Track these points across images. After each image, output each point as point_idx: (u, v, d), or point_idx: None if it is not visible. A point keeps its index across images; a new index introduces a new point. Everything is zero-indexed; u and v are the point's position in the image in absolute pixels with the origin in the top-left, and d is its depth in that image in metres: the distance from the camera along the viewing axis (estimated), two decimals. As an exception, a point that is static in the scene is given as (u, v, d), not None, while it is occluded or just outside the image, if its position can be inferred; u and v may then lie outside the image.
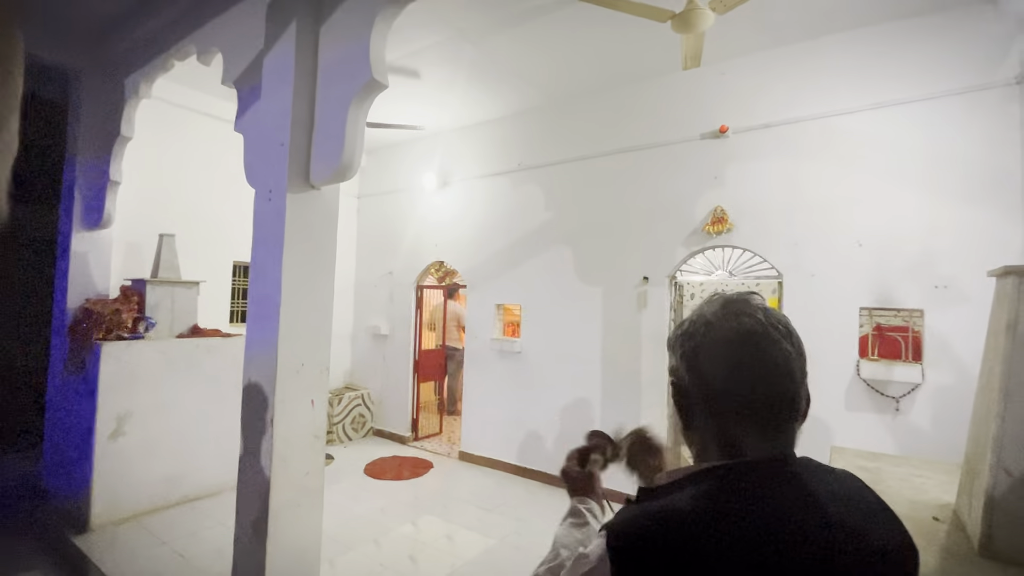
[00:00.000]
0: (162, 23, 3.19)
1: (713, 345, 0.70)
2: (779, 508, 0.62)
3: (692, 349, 0.72)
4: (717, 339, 0.69)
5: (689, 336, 0.73)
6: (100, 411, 3.43)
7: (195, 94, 4.71)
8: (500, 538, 3.55)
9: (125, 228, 4.15)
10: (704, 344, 0.70)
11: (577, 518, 0.96)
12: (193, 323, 4.16)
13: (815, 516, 0.62)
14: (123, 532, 3.38)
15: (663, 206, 4.12)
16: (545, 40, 3.71)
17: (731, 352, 0.68)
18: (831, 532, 0.62)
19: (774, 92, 3.67)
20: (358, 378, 6.34)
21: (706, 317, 0.72)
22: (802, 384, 0.68)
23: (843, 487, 0.70)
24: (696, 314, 0.75)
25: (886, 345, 3.26)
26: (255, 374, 2.22)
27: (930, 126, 3.16)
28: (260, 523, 2.12)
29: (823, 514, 0.63)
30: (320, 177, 2.19)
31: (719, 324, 0.70)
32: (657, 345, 4.11)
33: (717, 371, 0.69)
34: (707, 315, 0.72)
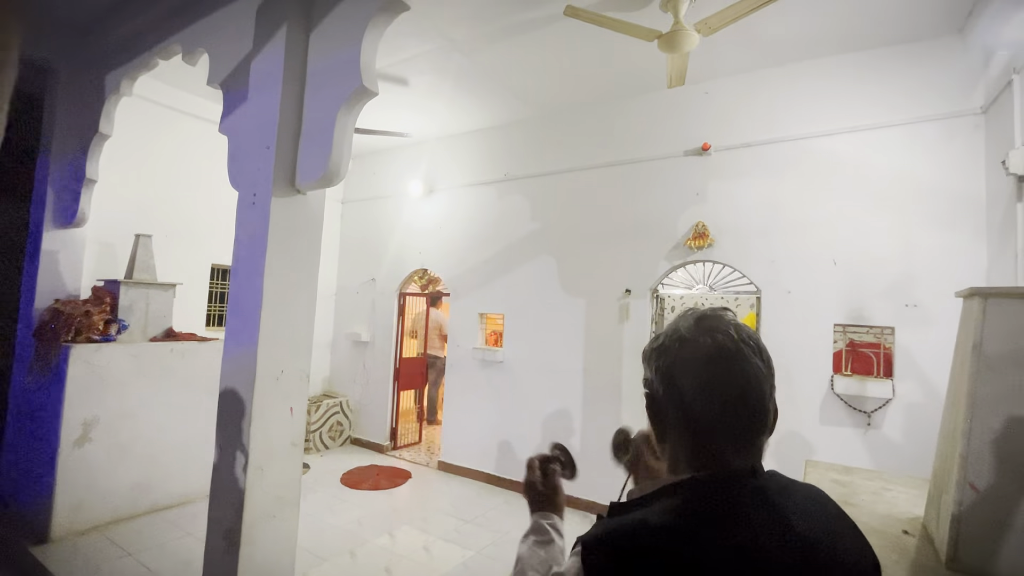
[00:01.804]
0: (147, 21, 3.15)
1: (687, 361, 0.71)
2: (747, 522, 0.64)
3: (667, 364, 0.73)
4: (691, 355, 0.71)
5: (664, 351, 0.75)
6: (66, 416, 3.31)
7: (177, 93, 4.64)
8: (478, 550, 3.52)
9: (99, 228, 4.05)
10: (678, 359, 0.72)
11: (541, 535, 0.94)
12: (168, 326, 4.05)
13: (782, 530, 0.64)
14: (86, 543, 3.25)
15: (646, 220, 4.19)
16: (534, 54, 3.76)
17: (704, 368, 0.70)
18: (797, 546, 0.63)
19: (755, 112, 3.78)
20: (337, 385, 6.24)
21: (680, 332, 0.74)
22: (771, 399, 0.71)
23: (809, 502, 0.72)
24: (671, 329, 0.76)
25: (859, 361, 3.35)
26: (232, 380, 2.17)
27: (903, 151, 3.29)
28: (233, 534, 2.06)
29: (789, 528, 0.65)
30: (306, 181, 2.17)
31: (693, 340, 0.72)
32: (638, 357, 4.13)
33: (690, 386, 0.70)
34: (681, 330, 0.74)
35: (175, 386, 3.87)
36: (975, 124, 3.09)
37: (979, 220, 3.04)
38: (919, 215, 3.21)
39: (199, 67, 3.30)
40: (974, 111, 3.09)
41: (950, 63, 3.17)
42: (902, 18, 3.10)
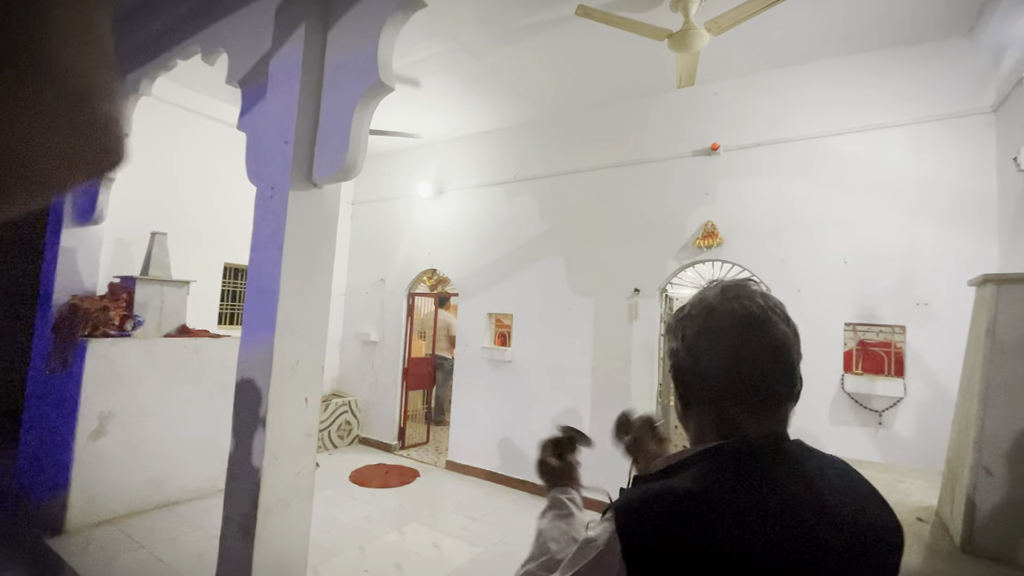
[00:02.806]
0: (167, 23, 3.22)
1: (714, 328, 0.71)
2: (777, 486, 0.65)
3: (693, 332, 0.74)
4: (718, 322, 0.71)
5: (690, 319, 0.75)
6: (82, 410, 3.36)
7: (192, 94, 4.73)
8: (487, 547, 3.52)
9: (116, 225, 4.12)
10: (705, 327, 0.72)
11: (560, 509, 0.95)
12: (182, 323, 4.11)
13: (810, 493, 0.65)
14: (100, 535, 3.30)
15: (655, 220, 4.21)
16: (544, 55, 3.81)
17: (733, 334, 0.70)
18: (825, 509, 0.64)
19: (764, 112, 3.80)
20: (345, 385, 6.28)
21: (707, 301, 0.74)
22: (798, 365, 0.71)
23: (834, 468, 0.72)
24: (696, 298, 0.77)
25: (870, 360, 3.34)
26: (249, 370, 2.21)
27: (913, 150, 3.29)
28: (248, 522, 2.09)
29: (817, 491, 0.66)
30: (323, 175, 2.22)
31: (720, 307, 0.72)
32: (647, 356, 4.16)
33: (718, 353, 0.71)
34: (708, 299, 0.74)
35: (188, 382, 3.92)
36: (985, 123, 3.09)
37: (990, 218, 3.03)
38: (930, 214, 3.21)
39: (214, 70, 3.38)
40: (984, 110, 3.09)
41: (959, 63, 3.18)
42: (911, 19, 3.12)
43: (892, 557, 0.69)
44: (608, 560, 0.63)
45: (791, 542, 0.61)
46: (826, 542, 0.62)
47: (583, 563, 0.66)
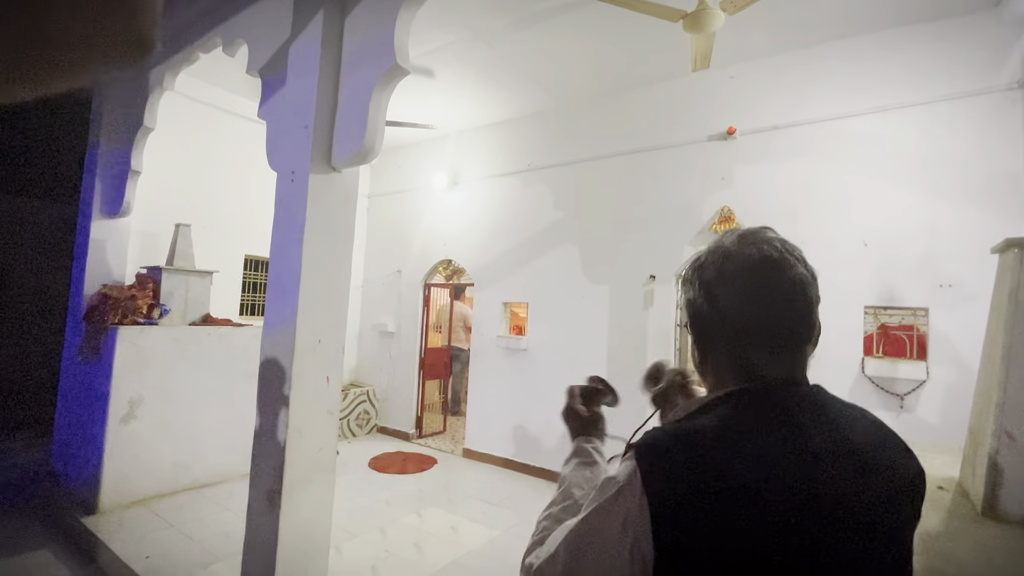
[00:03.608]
0: (190, 17, 3.30)
1: (732, 272, 0.71)
2: (798, 426, 0.65)
3: (712, 277, 0.73)
4: (736, 265, 0.71)
5: (707, 266, 0.75)
6: (113, 394, 3.48)
7: (214, 90, 4.83)
8: (504, 529, 3.57)
9: (142, 218, 4.24)
10: (723, 271, 0.72)
11: (584, 457, 0.94)
12: (205, 312, 4.22)
13: (832, 434, 0.65)
14: (131, 515, 3.42)
15: (671, 206, 4.19)
16: (557, 42, 3.81)
17: (751, 277, 0.70)
18: (847, 449, 0.64)
19: (781, 95, 3.75)
20: (363, 375, 6.38)
21: (724, 247, 0.74)
22: (816, 307, 0.71)
23: (854, 412, 0.73)
24: (712, 246, 0.77)
25: (891, 343, 3.29)
26: (273, 349, 2.27)
27: (935, 129, 3.23)
28: (274, 495, 2.16)
29: (839, 433, 0.66)
30: (342, 158, 2.26)
31: (738, 252, 0.72)
32: (664, 343, 4.15)
33: (736, 295, 0.70)
34: (725, 245, 0.75)
35: (213, 369, 4.02)
36: (1011, 99, 3.02)
37: (1016, 196, 2.96)
38: (953, 193, 3.15)
39: (235, 66, 3.46)
40: (1010, 86, 3.02)
41: (984, 38, 3.10)
42: (934, -7, 3.05)
43: (914, 502, 0.69)
44: (628, 494, 0.62)
45: (812, 481, 0.60)
46: (848, 482, 0.62)
47: (603, 499, 0.65)
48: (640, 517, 0.60)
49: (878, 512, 0.64)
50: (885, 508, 0.65)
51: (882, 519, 0.64)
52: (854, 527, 0.61)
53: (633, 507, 0.61)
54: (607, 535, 0.64)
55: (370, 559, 3.07)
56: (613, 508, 0.64)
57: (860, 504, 0.62)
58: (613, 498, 0.64)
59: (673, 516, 0.59)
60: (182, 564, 2.85)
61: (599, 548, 0.64)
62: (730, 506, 0.58)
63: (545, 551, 0.72)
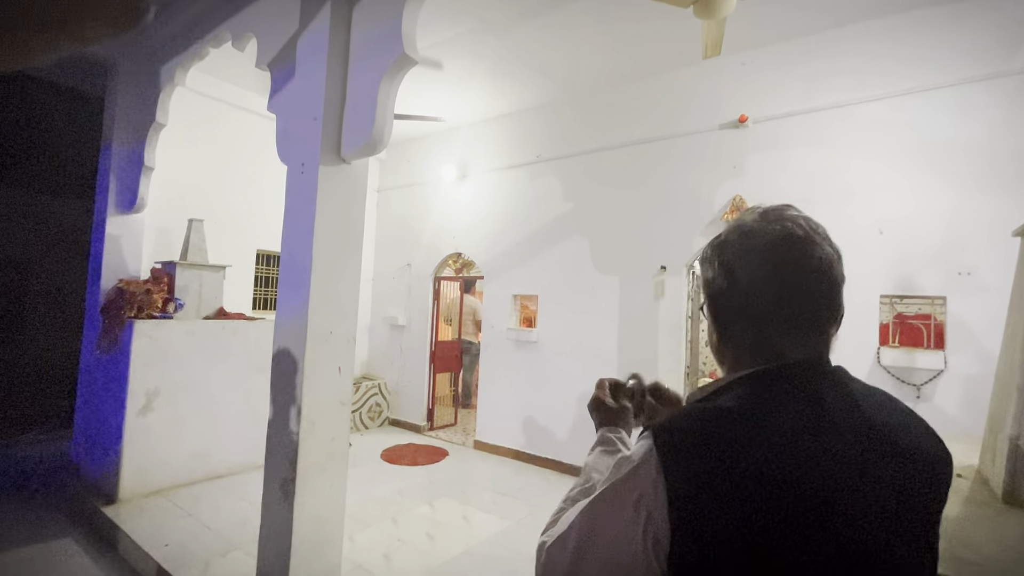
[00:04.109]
0: (198, 12, 3.32)
1: (755, 249, 0.69)
2: (821, 405, 0.63)
3: (733, 255, 0.72)
4: (759, 243, 0.69)
5: (728, 244, 0.73)
6: (131, 386, 3.54)
7: (224, 85, 4.86)
8: (516, 520, 3.58)
9: (155, 214, 4.30)
10: (745, 249, 0.70)
11: (608, 446, 0.93)
12: (219, 306, 4.27)
13: (857, 415, 0.63)
14: (150, 504, 3.49)
15: (681, 196, 4.15)
16: (566, 31, 3.77)
17: (775, 254, 0.67)
18: (872, 430, 0.63)
19: (794, 81, 3.69)
20: (375, 368, 6.43)
21: (746, 224, 0.72)
22: (842, 287, 0.69)
23: (879, 395, 0.71)
24: (734, 224, 0.75)
25: (907, 333, 3.24)
26: (286, 340, 2.29)
27: (952, 113, 3.15)
28: (288, 484, 2.19)
29: (865, 415, 0.64)
30: (351, 149, 2.27)
31: (760, 229, 0.70)
32: (675, 334, 4.12)
33: (759, 272, 0.68)
34: (747, 222, 0.72)
35: (227, 362, 4.08)
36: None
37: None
38: (972, 179, 3.07)
39: (245, 61, 3.47)
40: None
41: (1001, 20, 3.02)
42: (953, -27, 2.97)
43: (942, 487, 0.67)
44: (644, 472, 0.61)
45: (839, 461, 0.59)
46: (874, 465, 0.61)
47: (618, 477, 0.64)
48: (655, 495, 0.59)
49: (907, 493, 0.62)
50: (914, 489, 0.63)
51: (911, 500, 0.62)
52: (883, 508, 0.59)
53: (648, 484, 0.60)
54: (619, 512, 0.62)
55: (383, 548, 3.10)
56: (627, 485, 0.63)
57: (889, 485, 0.61)
58: (628, 476, 0.63)
59: (690, 495, 0.57)
60: (200, 552, 2.90)
61: (610, 525, 0.63)
62: (751, 485, 0.56)
63: (557, 529, 0.71)
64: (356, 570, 2.82)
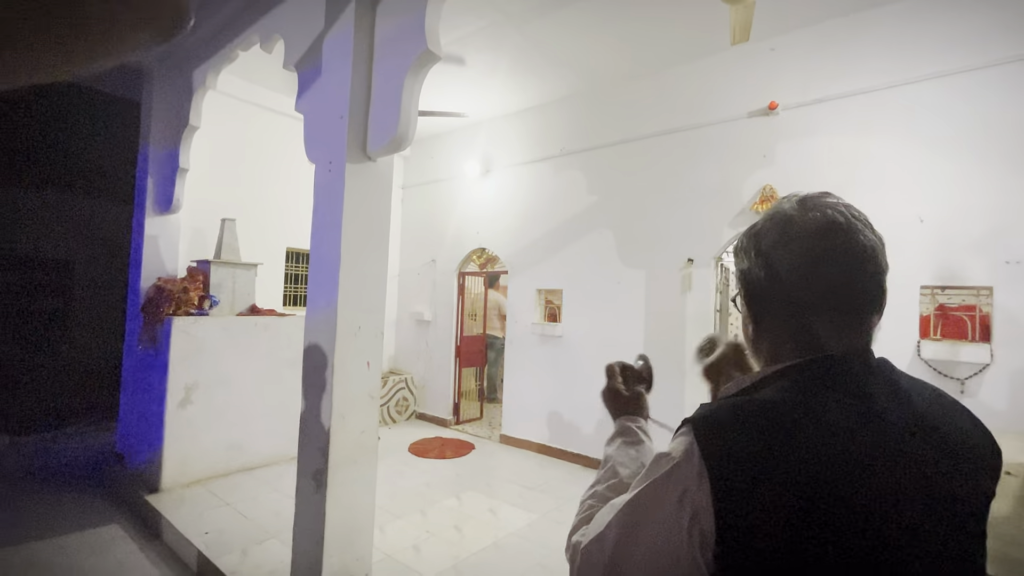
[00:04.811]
0: (227, 16, 3.40)
1: (794, 238, 0.67)
2: (868, 397, 0.61)
3: (771, 244, 0.69)
4: (799, 231, 0.67)
5: (765, 232, 0.71)
6: (171, 381, 3.69)
7: (253, 87, 4.97)
8: (542, 513, 3.60)
9: (190, 214, 4.44)
10: (784, 238, 0.68)
11: (629, 436, 0.91)
12: (251, 303, 4.40)
13: (906, 408, 0.62)
14: (191, 493, 3.63)
15: (709, 187, 4.06)
16: (589, 22, 3.72)
17: (817, 242, 0.65)
18: (921, 424, 0.61)
19: (827, 65, 3.56)
20: (401, 363, 6.52)
21: (784, 212, 0.70)
22: (885, 275, 0.67)
23: (926, 387, 0.69)
24: (771, 212, 0.73)
25: (950, 325, 3.10)
26: (316, 335, 2.35)
27: (996, 93, 2.99)
28: (320, 475, 2.24)
29: (912, 407, 0.62)
30: (377, 147, 2.30)
31: (800, 217, 0.68)
32: (703, 328, 4.05)
33: (799, 260, 0.66)
34: (785, 210, 0.70)
35: (260, 357, 4.20)
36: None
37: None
38: (1020, 162, 2.91)
39: (272, 62, 3.54)
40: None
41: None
42: (1000, -55, 2.81)
43: (992, 479, 0.65)
44: (685, 469, 0.59)
45: (888, 454, 0.57)
46: (926, 455, 0.59)
47: (657, 474, 0.62)
48: (699, 491, 0.57)
49: (959, 486, 0.60)
50: (965, 483, 0.61)
51: (962, 494, 0.60)
52: (933, 502, 0.58)
53: (692, 481, 0.58)
54: (663, 510, 0.60)
55: (412, 539, 3.15)
56: (668, 482, 0.61)
57: (940, 478, 0.59)
58: (668, 473, 0.61)
59: (738, 491, 0.55)
60: (238, 540, 3.01)
61: (654, 524, 0.61)
62: (801, 480, 0.54)
63: (593, 529, 0.69)
64: (386, 560, 2.88)
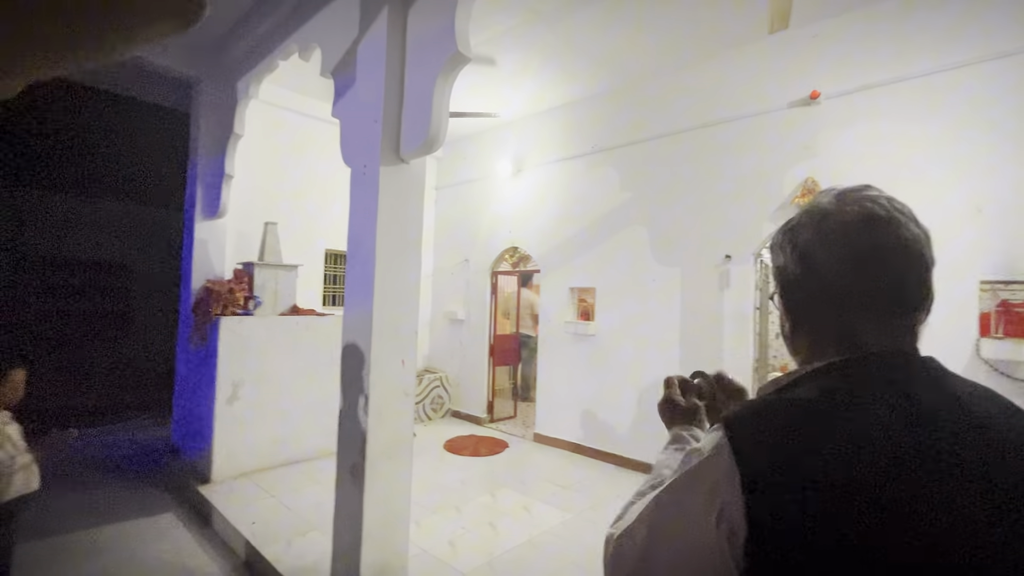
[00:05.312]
0: (268, 28, 3.54)
1: (833, 232, 0.65)
2: (912, 398, 0.58)
3: (808, 239, 0.67)
4: (837, 226, 0.65)
5: (801, 228, 0.69)
6: (219, 378, 3.87)
7: (291, 94, 5.15)
8: (577, 512, 3.58)
9: (235, 218, 4.65)
10: (821, 233, 0.66)
11: (680, 443, 0.90)
12: (293, 303, 4.56)
13: (954, 409, 0.58)
14: (239, 485, 3.80)
15: (747, 180, 3.94)
16: (621, 16, 3.67)
17: (856, 236, 0.63)
18: (976, 423, 0.57)
19: (873, 50, 3.39)
20: (436, 362, 6.62)
21: (821, 207, 0.68)
22: (931, 270, 0.64)
23: (980, 387, 0.64)
24: (808, 207, 0.71)
25: (1014, 322, 2.90)
26: (353, 335, 2.42)
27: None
28: (358, 469, 2.31)
29: (961, 407, 0.58)
30: (409, 149, 2.34)
31: (838, 211, 0.66)
32: (741, 327, 3.94)
33: (838, 255, 0.64)
34: (822, 204, 0.68)
35: (301, 355, 4.35)
36: None
37: None
38: (1095, 146, 2.70)
39: (309, 71, 3.67)
40: None
41: None
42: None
43: None
44: (715, 464, 0.58)
45: (936, 457, 0.54)
46: (978, 458, 0.55)
47: (688, 468, 0.62)
48: (730, 485, 0.56)
49: (1017, 493, 0.55)
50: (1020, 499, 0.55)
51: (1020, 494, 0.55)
52: (989, 508, 0.53)
53: (721, 475, 0.57)
54: (691, 504, 0.60)
55: (448, 534, 3.20)
56: (699, 476, 0.60)
57: (995, 483, 0.55)
58: (699, 467, 0.61)
59: (768, 487, 0.54)
60: (282, 530, 3.13)
61: (682, 516, 0.61)
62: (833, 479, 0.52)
63: (626, 521, 0.70)
64: (423, 555, 2.94)
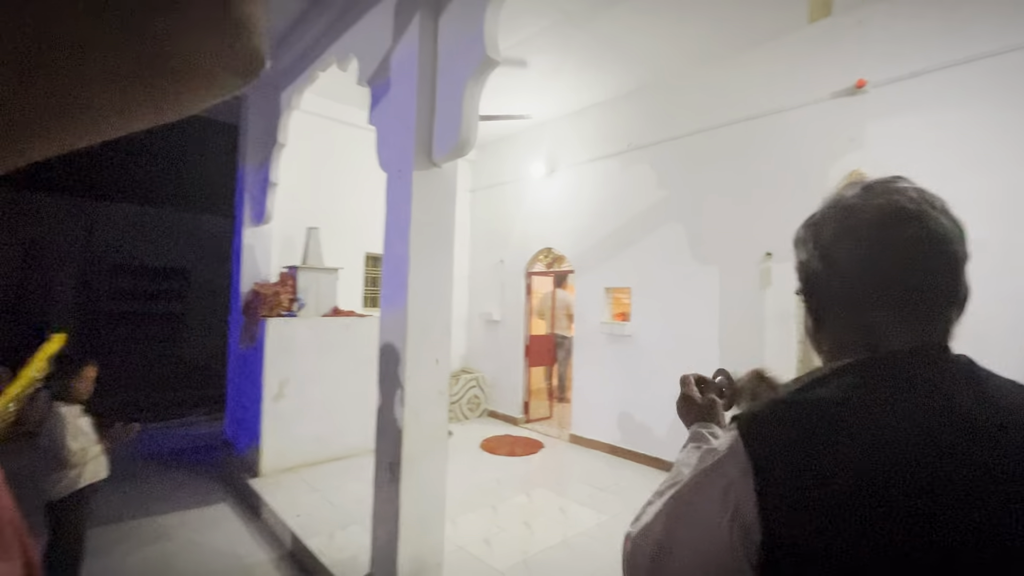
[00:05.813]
0: (308, 41, 3.70)
1: (858, 227, 0.63)
2: (946, 396, 0.56)
3: (830, 235, 0.65)
4: (862, 219, 0.62)
5: (824, 222, 0.67)
6: (267, 377, 4.07)
7: (329, 103, 5.33)
8: (612, 515, 3.55)
9: (279, 224, 4.86)
10: (846, 227, 0.64)
11: (699, 441, 0.89)
12: (334, 305, 4.73)
13: (992, 407, 0.56)
14: (285, 479, 3.98)
15: (789, 175, 3.81)
16: (653, 11, 3.62)
17: (881, 231, 0.61)
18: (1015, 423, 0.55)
19: (923, 35, 3.21)
20: (472, 362, 6.70)
21: (845, 200, 0.66)
22: (963, 265, 0.61)
23: (1016, 385, 0.61)
24: (831, 201, 0.68)
25: (1087, 320, 2.68)
26: (389, 335, 2.50)
27: None
28: (395, 466, 2.39)
29: (995, 407, 0.56)
30: (441, 153, 2.40)
31: (863, 204, 0.63)
32: (783, 325, 3.80)
33: (863, 250, 0.62)
34: (846, 198, 0.66)
35: (342, 355, 4.51)
36: None
37: None
38: None
39: (346, 80, 3.79)
40: None
41: None
42: None
43: None
44: (730, 463, 0.58)
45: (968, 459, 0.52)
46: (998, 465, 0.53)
47: (703, 467, 0.62)
48: (744, 485, 0.56)
49: None
50: None
51: None
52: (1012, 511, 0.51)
53: (736, 475, 0.57)
54: (705, 502, 0.60)
55: (483, 532, 3.25)
56: (713, 476, 0.60)
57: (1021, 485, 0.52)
58: (714, 465, 0.61)
59: (780, 486, 0.53)
60: (325, 524, 3.26)
61: (697, 516, 0.61)
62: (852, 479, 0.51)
63: (643, 520, 0.70)
64: (458, 552, 2.99)
